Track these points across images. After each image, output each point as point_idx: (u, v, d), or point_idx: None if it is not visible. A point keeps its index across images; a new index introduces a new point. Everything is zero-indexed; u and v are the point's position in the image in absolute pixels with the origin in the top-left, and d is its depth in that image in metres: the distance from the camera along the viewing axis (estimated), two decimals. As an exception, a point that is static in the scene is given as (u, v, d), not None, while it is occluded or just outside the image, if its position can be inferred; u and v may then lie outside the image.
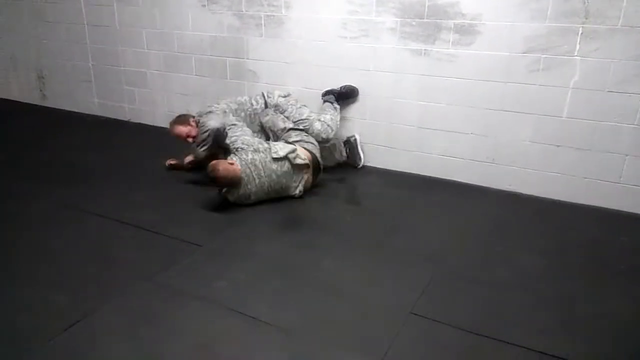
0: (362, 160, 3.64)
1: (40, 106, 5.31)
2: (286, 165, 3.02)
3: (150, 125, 4.65)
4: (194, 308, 2.08)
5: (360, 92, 3.59)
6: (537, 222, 2.89)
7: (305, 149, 3.14)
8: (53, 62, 5.09)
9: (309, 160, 3.11)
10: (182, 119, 3.46)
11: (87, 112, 5.03)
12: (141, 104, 4.69)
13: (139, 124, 4.72)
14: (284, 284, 2.26)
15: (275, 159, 3.00)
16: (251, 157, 2.97)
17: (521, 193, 3.25)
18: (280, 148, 3.04)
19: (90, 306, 2.06)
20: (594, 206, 3.06)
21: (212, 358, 1.80)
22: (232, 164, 2.91)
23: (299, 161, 3.04)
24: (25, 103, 5.41)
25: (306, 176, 3.11)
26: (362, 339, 1.91)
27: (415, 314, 2.05)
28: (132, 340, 1.88)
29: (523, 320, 2.03)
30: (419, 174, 3.53)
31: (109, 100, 4.88)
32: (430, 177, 3.49)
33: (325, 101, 3.56)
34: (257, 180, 2.95)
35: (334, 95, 3.55)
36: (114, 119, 4.85)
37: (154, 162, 3.75)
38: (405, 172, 3.57)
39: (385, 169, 3.63)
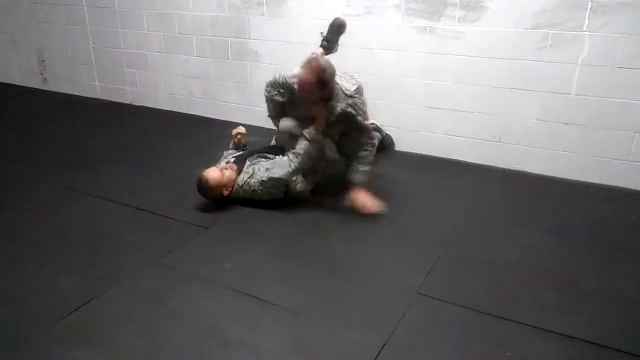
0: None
1: (42, 90, 5.27)
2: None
3: (153, 108, 4.62)
4: (201, 290, 2.08)
5: (364, 71, 3.53)
6: (544, 201, 2.87)
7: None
8: (53, 45, 5.04)
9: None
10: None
11: (88, 95, 5.00)
12: (143, 86, 4.65)
13: (141, 106, 4.69)
14: (291, 265, 2.26)
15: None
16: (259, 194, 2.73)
17: (528, 172, 3.22)
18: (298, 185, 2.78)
19: (98, 288, 2.06)
20: (602, 184, 3.03)
21: (219, 339, 1.80)
22: (228, 192, 2.72)
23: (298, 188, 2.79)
24: (26, 87, 5.38)
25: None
26: (369, 318, 1.91)
27: (422, 294, 2.05)
28: (139, 321, 1.89)
29: (529, 299, 2.02)
30: (424, 154, 3.50)
31: (110, 83, 4.84)
32: (435, 156, 3.46)
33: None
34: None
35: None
36: (116, 102, 4.82)
37: (157, 144, 3.74)
38: (410, 152, 3.54)
39: (390, 149, 3.60)
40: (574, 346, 1.78)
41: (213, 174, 2.69)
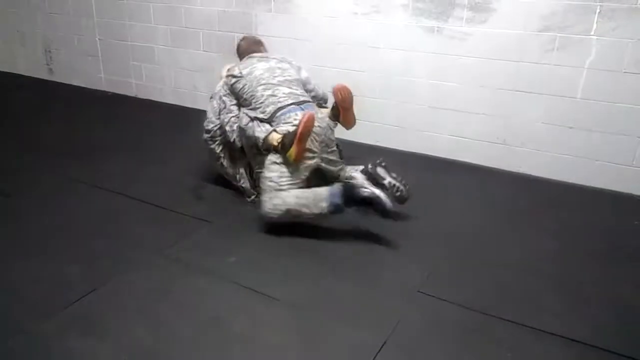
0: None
1: (48, 81, 5.28)
2: None
3: (158, 101, 4.63)
4: (203, 283, 2.08)
5: (371, 70, 3.53)
6: (548, 205, 2.87)
7: None
8: (60, 36, 5.05)
9: None
10: None
11: (94, 87, 5.01)
12: (148, 79, 4.65)
13: (146, 99, 4.69)
14: (294, 261, 2.26)
15: None
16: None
17: (532, 175, 3.22)
18: None
19: (101, 279, 2.07)
20: (605, 189, 3.03)
21: (221, 333, 1.81)
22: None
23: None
24: (33, 77, 5.39)
25: None
26: (370, 316, 1.92)
27: (423, 293, 2.05)
28: (142, 313, 1.90)
29: (530, 301, 2.02)
30: (429, 155, 3.49)
31: (116, 76, 4.85)
32: (440, 157, 3.46)
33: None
34: None
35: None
36: (121, 95, 4.83)
37: (161, 138, 3.75)
38: (415, 153, 3.54)
39: (395, 149, 3.60)
40: (574, 348, 1.78)
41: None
